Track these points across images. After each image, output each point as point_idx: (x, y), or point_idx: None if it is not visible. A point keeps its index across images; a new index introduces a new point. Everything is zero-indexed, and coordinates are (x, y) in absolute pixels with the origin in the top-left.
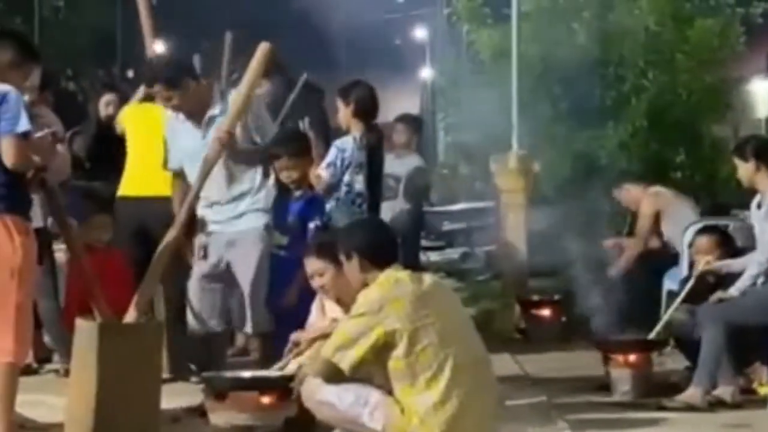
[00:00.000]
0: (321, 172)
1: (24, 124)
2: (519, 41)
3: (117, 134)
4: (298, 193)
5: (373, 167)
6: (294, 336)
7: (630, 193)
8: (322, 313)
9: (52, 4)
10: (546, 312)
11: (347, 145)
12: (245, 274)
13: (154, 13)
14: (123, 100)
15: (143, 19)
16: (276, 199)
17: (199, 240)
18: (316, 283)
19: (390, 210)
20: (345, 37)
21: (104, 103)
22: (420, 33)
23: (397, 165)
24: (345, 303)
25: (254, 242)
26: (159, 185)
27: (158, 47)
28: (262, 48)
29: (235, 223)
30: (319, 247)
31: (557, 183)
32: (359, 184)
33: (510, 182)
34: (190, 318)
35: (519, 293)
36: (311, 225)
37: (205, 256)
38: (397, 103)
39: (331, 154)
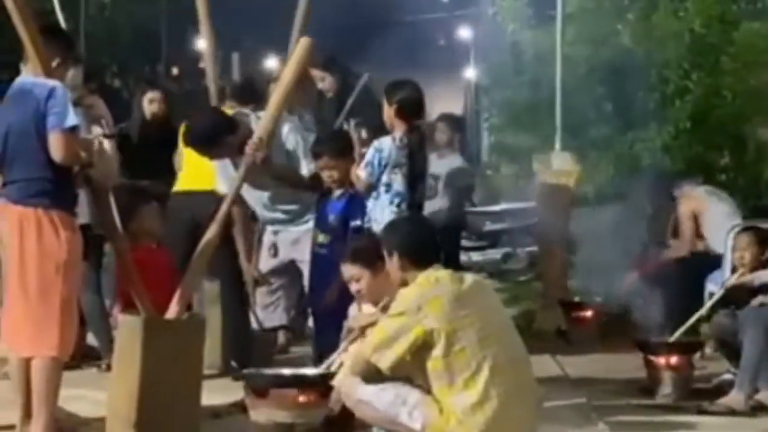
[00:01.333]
0: (359, 172)
1: (72, 119)
2: (563, 42)
3: (160, 131)
4: (338, 192)
5: (414, 167)
6: (348, 323)
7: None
8: (360, 313)
9: (98, 1)
10: (587, 313)
11: (385, 145)
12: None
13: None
14: (166, 97)
15: (202, 17)
16: (317, 198)
17: (267, 238)
18: (353, 288)
19: (430, 209)
20: (390, 36)
21: (147, 100)
22: (464, 33)
23: (438, 164)
24: (387, 303)
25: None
26: (212, 180)
27: (201, 44)
28: (302, 43)
29: (300, 221)
30: (354, 252)
31: (600, 184)
32: (398, 184)
33: (553, 183)
34: (254, 314)
35: (560, 294)
36: (352, 224)
37: (275, 254)
38: (440, 103)
39: (369, 153)
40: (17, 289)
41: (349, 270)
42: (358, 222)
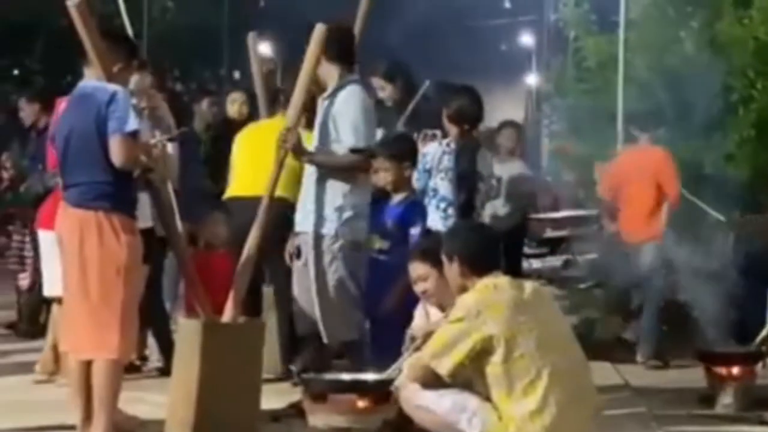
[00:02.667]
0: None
1: (132, 124)
2: (625, 49)
3: (222, 135)
4: (398, 198)
5: (463, 173)
6: (410, 331)
7: None
8: (426, 318)
9: (162, 4)
10: None
11: (430, 149)
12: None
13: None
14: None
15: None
16: (373, 202)
17: (291, 241)
18: (419, 288)
19: (491, 210)
20: (451, 42)
21: (208, 105)
22: (526, 39)
23: (500, 170)
24: (447, 308)
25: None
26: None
27: (263, 47)
28: (318, 30)
29: (317, 223)
30: (423, 251)
31: None
32: (444, 188)
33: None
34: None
35: (621, 302)
36: (413, 231)
37: (298, 256)
38: (501, 109)
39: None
40: (78, 293)
41: (417, 269)
42: (418, 228)
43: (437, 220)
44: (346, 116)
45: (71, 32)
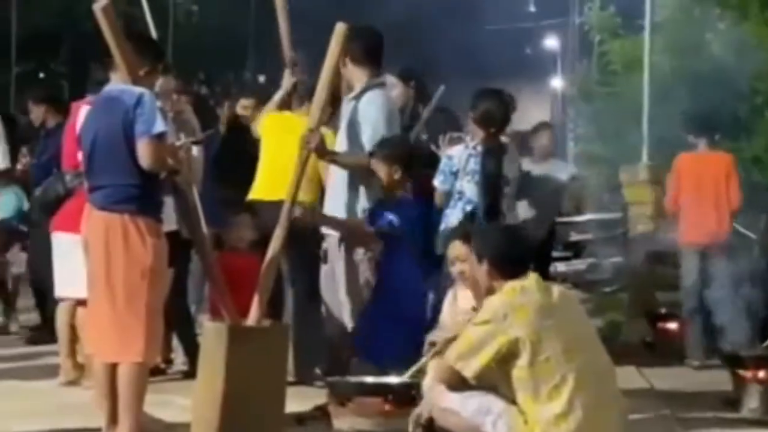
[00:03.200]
0: (434, 182)
1: (159, 126)
2: (651, 52)
3: (245, 138)
4: (390, 200)
5: (489, 176)
6: (430, 336)
7: None
8: (455, 304)
9: (186, 8)
10: (673, 325)
11: (455, 152)
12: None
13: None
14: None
15: (281, 23)
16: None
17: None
18: (456, 268)
19: (522, 210)
20: (476, 45)
21: (241, 107)
22: (551, 42)
23: (538, 170)
24: (478, 295)
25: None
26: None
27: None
28: (338, 30)
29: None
30: (465, 233)
31: None
32: (470, 191)
33: (639, 194)
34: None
35: (646, 306)
36: (386, 219)
37: (325, 260)
38: (527, 113)
39: (442, 162)
40: (103, 296)
41: (457, 248)
42: (381, 223)
43: (464, 222)
44: (369, 119)
45: (97, 36)
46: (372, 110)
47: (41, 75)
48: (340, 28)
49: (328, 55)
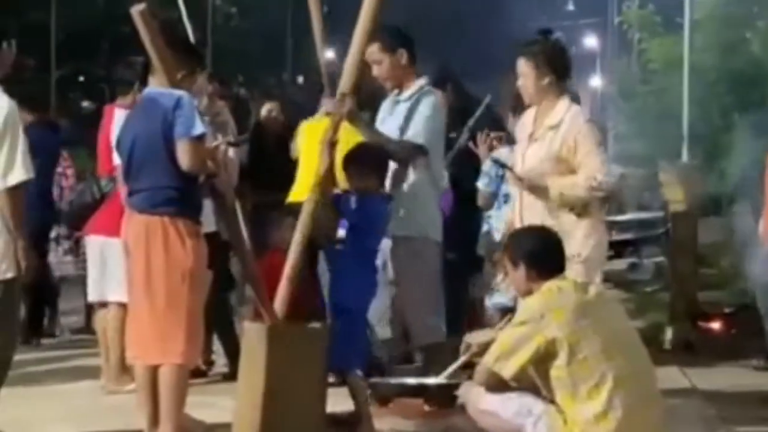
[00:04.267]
0: (478, 183)
1: (199, 128)
2: (691, 50)
3: (276, 143)
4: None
5: None
6: (467, 338)
7: None
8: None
9: (225, 11)
10: (716, 325)
11: (501, 154)
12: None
13: (324, 19)
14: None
15: (315, 24)
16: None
17: None
18: (519, 82)
19: None
20: (513, 44)
21: (266, 111)
22: (590, 41)
23: None
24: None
25: (416, 245)
26: None
27: (328, 54)
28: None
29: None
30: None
31: (728, 194)
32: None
33: (680, 193)
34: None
35: (688, 306)
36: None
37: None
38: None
39: (486, 164)
40: (144, 298)
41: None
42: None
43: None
44: (421, 117)
45: (135, 39)
46: (431, 112)
47: (81, 79)
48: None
49: (361, 19)
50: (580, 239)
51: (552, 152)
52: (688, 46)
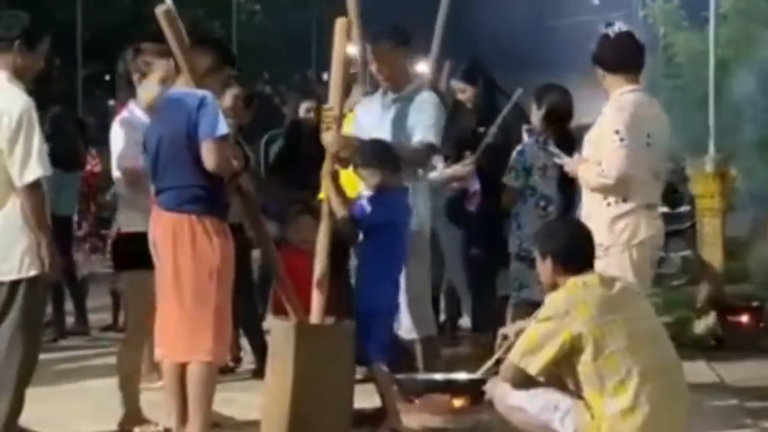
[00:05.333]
0: (504, 179)
1: (223, 128)
2: (716, 44)
3: (311, 139)
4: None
5: (562, 170)
6: (502, 330)
7: None
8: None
9: (249, 8)
10: (744, 318)
11: (526, 147)
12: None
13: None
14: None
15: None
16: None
17: None
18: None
19: None
20: (539, 39)
21: (304, 110)
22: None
23: None
24: None
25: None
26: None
27: (352, 50)
28: (339, 23)
29: None
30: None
31: (755, 187)
32: (543, 186)
33: (706, 187)
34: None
35: (715, 299)
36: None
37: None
38: (591, 106)
39: (512, 158)
40: (172, 296)
41: None
42: (380, 219)
43: (538, 219)
44: (427, 115)
45: (161, 38)
46: (431, 108)
47: (107, 77)
48: (340, 22)
49: (334, 51)
50: (605, 227)
51: (590, 135)
52: (713, 39)
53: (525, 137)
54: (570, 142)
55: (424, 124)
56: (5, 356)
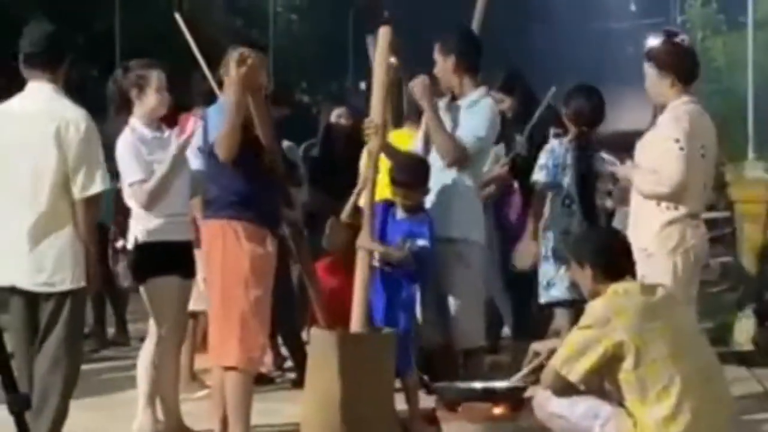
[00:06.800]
0: (535, 177)
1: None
2: (755, 49)
3: (345, 145)
4: (404, 214)
5: (582, 170)
6: (534, 345)
7: None
8: None
9: (286, 17)
10: None
11: (554, 146)
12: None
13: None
14: (355, 114)
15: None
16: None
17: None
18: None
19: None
20: (577, 46)
21: (335, 116)
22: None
23: None
24: None
25: (458, 247)
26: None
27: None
28: (382, 32)
29: (458, 229)
30: (650, 50)
31: None
32: (567, 184)
33: (746, 192)
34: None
35: (756, 306)
36: (420, 242)
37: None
38: (630, 112)
39: (542, 157)
40: (210, 302)
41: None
42: (426, 241)
43: (561, 217)
44: (479, 120)
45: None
46: (484, 117)
47: None
48: (384, 32)
49: (375, 62)
50: (654, 232)
51: (643, 142)
52: (751, 44)
53: (551, 139)
54: (588, 147)
55: (471, 129)
56: (50, 367)
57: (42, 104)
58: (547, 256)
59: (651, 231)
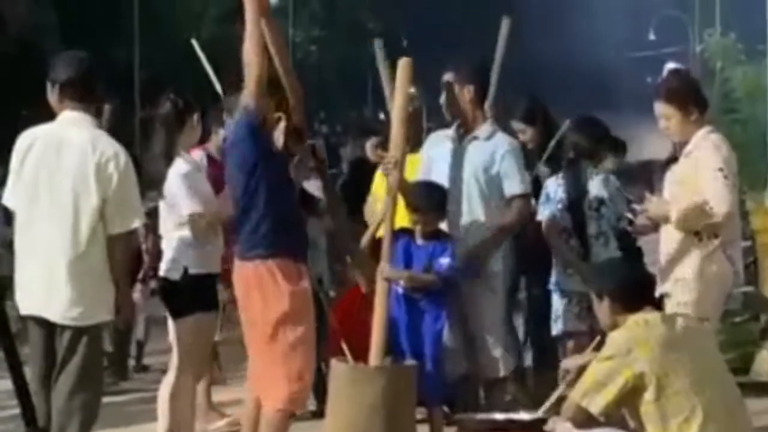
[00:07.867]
0: (540, 214)
1: None
2: None
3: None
4: (422, 239)
5: (572, 201)
6: (564, 364)
7: None
8: None
9: (305, 48)
10: None
11: (548, 182)
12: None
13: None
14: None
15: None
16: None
17: None
18: (661, 125)
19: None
20: (596, 75)
21: (370, 146)
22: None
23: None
24: None
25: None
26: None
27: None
28: (402, 64)
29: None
30: (668, 91)
31: None
32: (562, 218)
33: (766, 221)
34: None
35: None
36: (442, 260)
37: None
38: (650, 142)
39: (541, 195)
40: (250, 339)
41: (660, 108)
42: (447, 259)
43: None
44: (513, 163)
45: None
46: (515, 156)
47: None
48: (403, 63)
49: (395, 93)
50: (688, 262)
51: (677, 176)
52: None
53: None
54: (577, 176)
55: (512, 175)
56: (66, 400)
57: (85, 134)
58: (553, 289)
59: (691, 261)
